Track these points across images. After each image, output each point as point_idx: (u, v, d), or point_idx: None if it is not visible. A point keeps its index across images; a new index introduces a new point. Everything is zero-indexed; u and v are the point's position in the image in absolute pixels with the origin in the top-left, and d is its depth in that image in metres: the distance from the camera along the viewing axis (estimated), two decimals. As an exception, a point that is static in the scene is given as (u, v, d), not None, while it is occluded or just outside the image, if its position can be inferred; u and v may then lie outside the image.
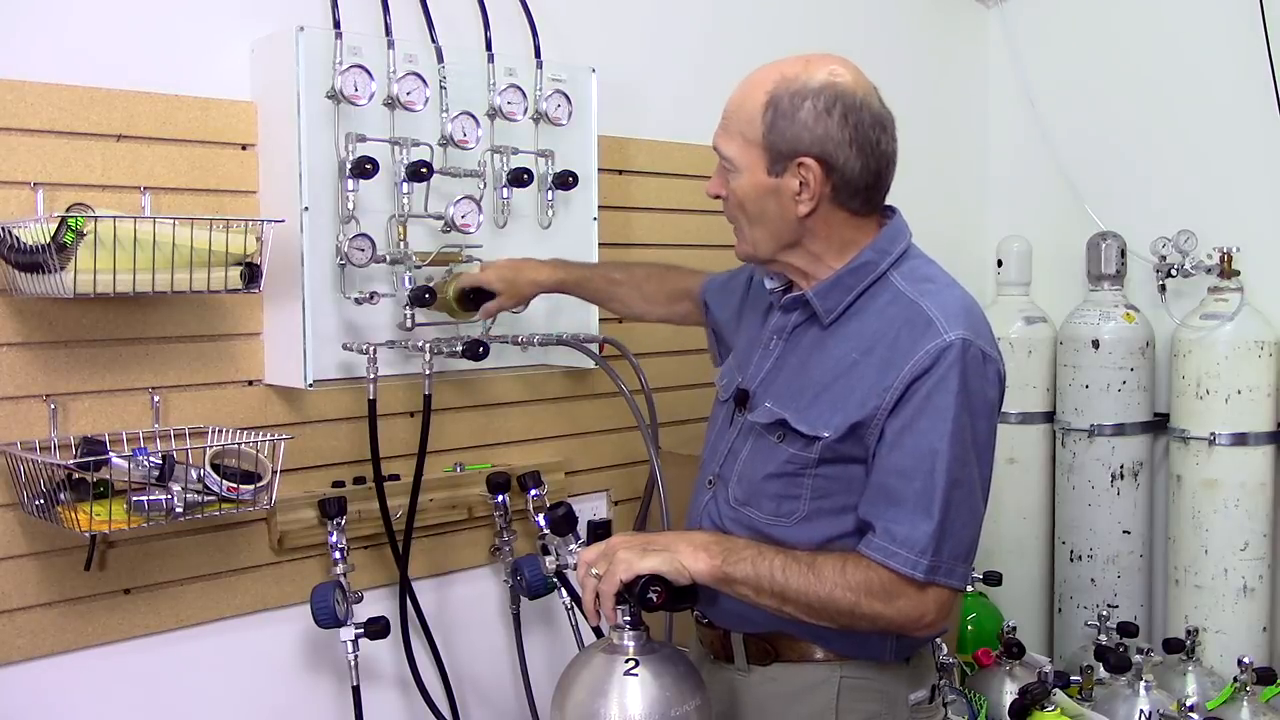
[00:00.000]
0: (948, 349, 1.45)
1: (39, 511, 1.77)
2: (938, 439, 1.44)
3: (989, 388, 1.49)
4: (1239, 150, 3.02)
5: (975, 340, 1.48)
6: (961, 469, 1.45)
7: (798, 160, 1.50)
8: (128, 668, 1.97)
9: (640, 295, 2.14)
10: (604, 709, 1.42)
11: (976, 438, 1.47)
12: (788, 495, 1.55)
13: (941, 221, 3.34)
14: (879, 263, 1.55)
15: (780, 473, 1.55)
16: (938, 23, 3.39)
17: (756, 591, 1.47)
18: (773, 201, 1.53)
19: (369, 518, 2.16)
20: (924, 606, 1.46)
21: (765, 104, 1.50)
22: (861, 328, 1.54)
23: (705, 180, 1.64)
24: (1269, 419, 2.90)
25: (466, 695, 2.39)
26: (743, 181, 1.54)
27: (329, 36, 2.02)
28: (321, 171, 2.02)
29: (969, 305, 1.53)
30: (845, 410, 1.49)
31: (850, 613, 1.46)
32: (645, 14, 2.66)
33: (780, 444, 1.56)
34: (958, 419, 1.44)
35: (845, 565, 1.46)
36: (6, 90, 1.79)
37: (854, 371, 1.51)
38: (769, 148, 1.51)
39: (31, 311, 1.83)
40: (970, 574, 1.51)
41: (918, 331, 1.48)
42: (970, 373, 1.46)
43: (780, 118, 1.49)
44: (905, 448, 1.46)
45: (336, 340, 2.08)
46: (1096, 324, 3.08)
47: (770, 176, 1.52)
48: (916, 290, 1.53)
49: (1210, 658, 2.87)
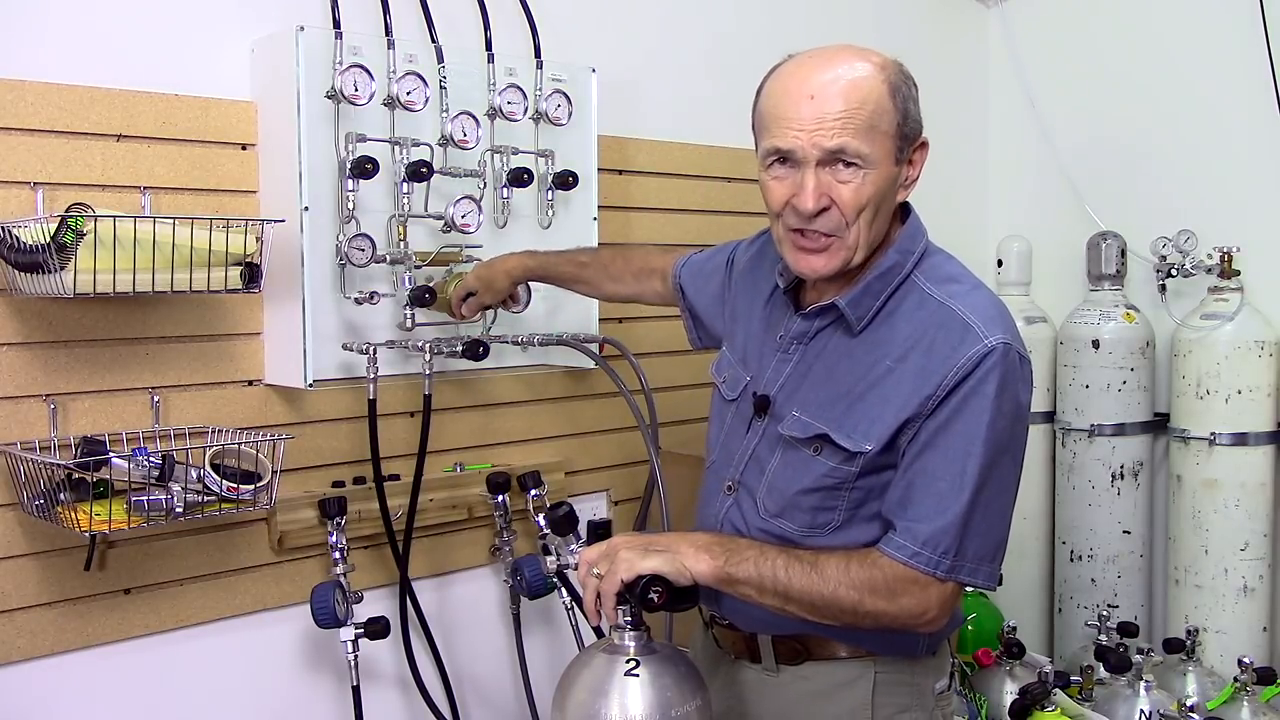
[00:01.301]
0: (989, 354, 1.43)
1: (39, 511, 1.77)
2: (971, 441, 1.43)
3: (1023, 391, 1.49)
4: (1239, 150, 3.02)
5: (1014, 344, 1.47)
6: (991, 470, 1.44)
7: (921, 142, 1.49)
8: (128, 668, 1.97)
9: (607, 275, 2.11)
10: (604, 709, 1.42)
11: (1010, 440, 1.47)
12: (824, 508, 1.53)
13: (941, 221, 3.32)
14: (904, 264, 1.53)
15: (818, 487, 1.53)
16: (938, 23, 3.39)
17: (759, 591, 1.46)
18: (891, 192, 1.49)
19: (369, 518, 2.16)
20: (927, 603, 1.45)
21: (889, 93, 1.45)
22: (892, 334, 1.50)
23: (705, 180, 1.61)
24: (1269, 419, 2.90)
25: (466, 695, 2.39)
26: (876, 176, 1.45)
27: (329, 36, 2.02)
28: (321, 171, 2.02)
29: (1001, 307, 1.52)
30: (884, 420, 1.47)
31: (854, 611, 1.45)
32: (645, 14, 2.66)
33: (817, 456, 1.53)
34: (993, 423, 1.43)
35: (849, 564, 1.45)
36: (6, 90, 1.79)
37: (888, 380, 1.48)
38: (900, 135, 1.46)
39: (31, 311, 1.83)
40: (998, 573, 1.49)
41: (955, 337, 1.45)
42: (1009, 377, 1.45)
43: (907, 102, 1.47)
44: (938, 448, 1.45)
45: (336, 340, 2.08)
46: (1097, 324, 3.08)
47: (896, 165, 1.48)
48: (944, 292, 1.50)
49: (1210, 658, 2.86)
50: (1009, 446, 1.47)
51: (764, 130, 1.50)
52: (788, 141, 1.44)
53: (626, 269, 2.09)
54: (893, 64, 1.47)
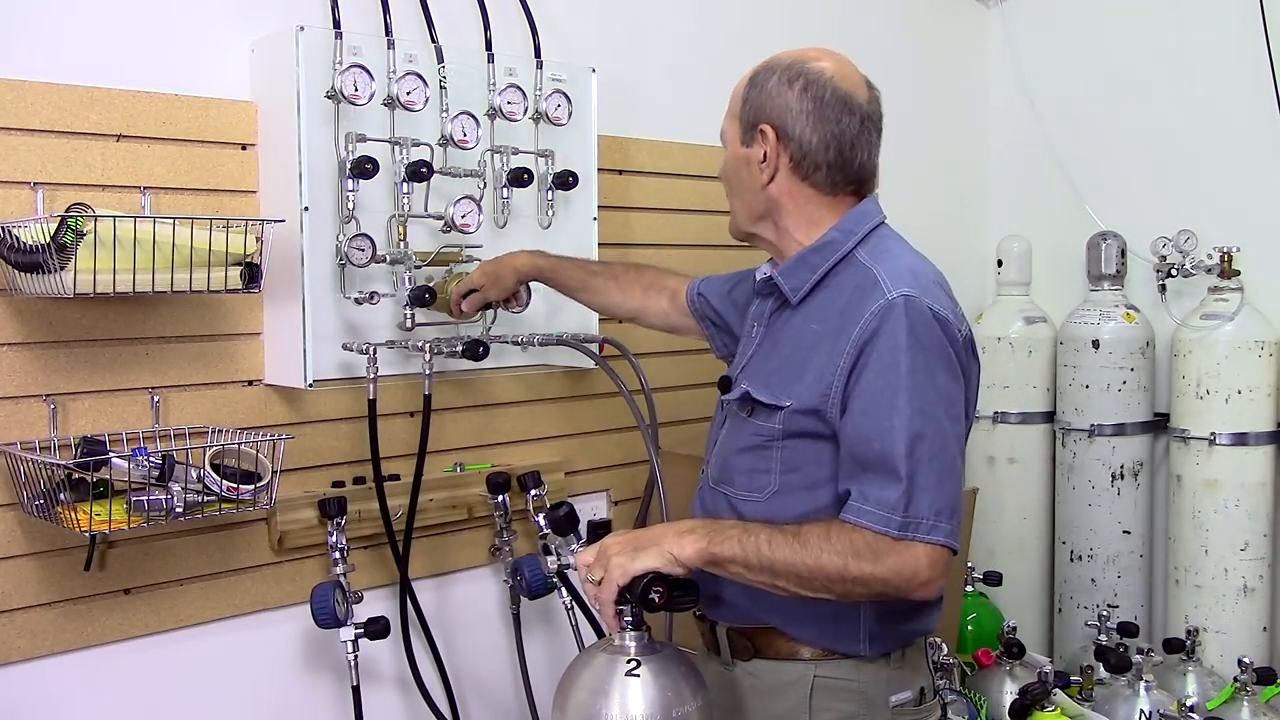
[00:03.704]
0: (890, 307, 1.47)
1: (39, 511, 1.77)
2: (892, 395, 1.45)
3: (946, 344, 1.49)
4: (1239, 150, 3.02)
5: (920, 297, 1.48)
6: (925, 423, 1.44)
7: (759, 127, 1.60)
8: (128, 668, 1.97)
9: (616, 285, 2.13)
10: (605, 709, 1.42)
11: (939, 393, 1.47)
12: (757, 469, 1.59)
13: (941, 221, 3.34)
14: (844, 242, 1.59)
15: (748, 446, 1.60)
16: (938, 23, 3.39)
17: (747, 568, 1.46)
18: (745, 171, 1.63)
19: (369, 518, 2.16)
20: (915, 563, 1.42)
21: (748, 82, 1.63)
22: (824, 302, 1.58)
23: (705, 180, 1.66)
24: (1269, 419, 2.90)
25: (466, 695, 2.39)
26: (727, 154, 1.67)
27: (329, 36, 2.02)
28: (321, 171, 2.02)
29: (919, 269, 1.55)
30: (804, 380, 1.53)
31: (841, 577, 1.43)
32: (645, 14, 2.66)
33: (750, 419, 1.60)
34: (912, 373, 1.45)
35: (829, 531, 1.45)
36: (6, 90, 1.79)
37: (815, 344, 1.55)
38: (742, 118, 1.63)
39: (31, 311, 1.83)
40: (957, 533, 1.46)
41: (865, 294, 1.52)
42: (919, 328, 1.47)
43: (753, 89, 1.62)
44: (864, 411, 1.47)
45: (336, 340, 2.08)
46: (1097, 324, 3.08)
47: (743, 146, 1.63)
48: (873, 261, 1.57)
49: (1210, 658, 2.87)
50: (937, 397, 1.47)
51: None
52: None
53: (637, 282, 2.12)
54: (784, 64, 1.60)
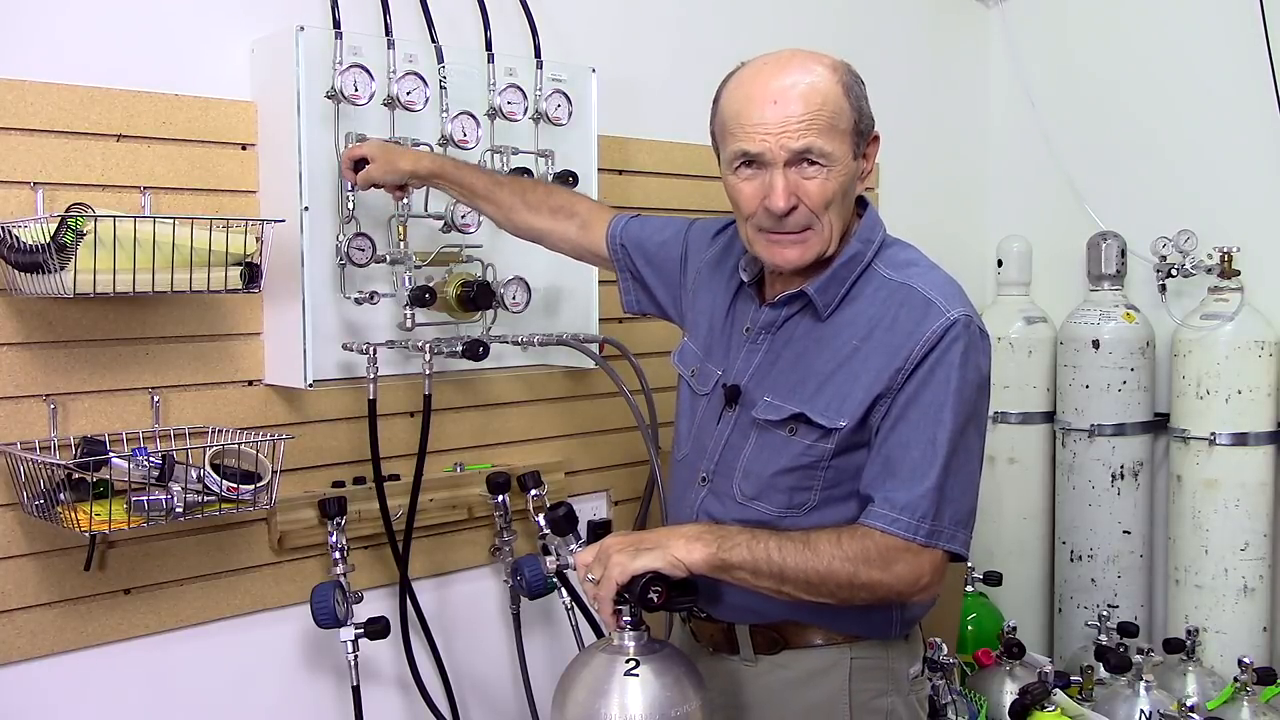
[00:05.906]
0: (952, 326, 1.50)
1: (39, 511, 1.77)
2: (940, 410, 1.49)
3: (984, 362, 1.55)
4: (1239, 150, 3.02)
5: (974, 317, 1.54)
6: (961, 438, 1.50)
7: (874, 136, 1.58)
8: (128, 668, 1.97)
9: (523, 201, 2.00)
10: (604, 709, 1.42)
11: (974, 409, 1.53)
12: (801, 488, 1.57)
13: (941, 221, 3.34)
14: (865, 253, 1.60)
15: (794, 466, 1.57)
16: (938, 23, 3.39)
17: (755, 574, 1.47)
18: (852, 186, 1.58)
19: (369, 518, 2.16)
20: (920, 570, 1.48)
21: (844, 93, 1.53)
22: (855, 315, 1.57)
23: (705, 180, 1.65)
24: (1269, 419, 2.90)
25: (466, 695, 2.39)
26: (839, 172, 1.53)
27: (329, 36, 2.02)
28: (321, 171, 2.02)
29: (957, 284, 1.59)
30: (854, 397, 1.53)
31: (850, 583, 1.47)
32: (645, 14, 2.66)
33: (793, 437, 1.57)
34: (960, 391, 1.49)
35: (840, 538, 1.48)
36: (6, 90, 1.79)
37: (855, 358, 1.54)
38: (856, 131, 1.55)
39: (31, 311, 1.83)
40: (970, 542, 1.53)
41: (918, 312, 1.52)
42: (971, 348, 1.52)
43: (860, 100, 1.55)
44: (910, 420, 1.50)
45: (336, 340, 2.08)
46: (1097, 324, 3.08)
47: (854, 160, 1.56)
48: (903, 275, 1.57)
49: (1210, 658, 2.87)
50: (974, 415, 1.53)
51: (728, 135, 1.56)
52: (756, 145, 1.51)
53: (545, 202, 2.01)
54: (843, 66, 1.55)
